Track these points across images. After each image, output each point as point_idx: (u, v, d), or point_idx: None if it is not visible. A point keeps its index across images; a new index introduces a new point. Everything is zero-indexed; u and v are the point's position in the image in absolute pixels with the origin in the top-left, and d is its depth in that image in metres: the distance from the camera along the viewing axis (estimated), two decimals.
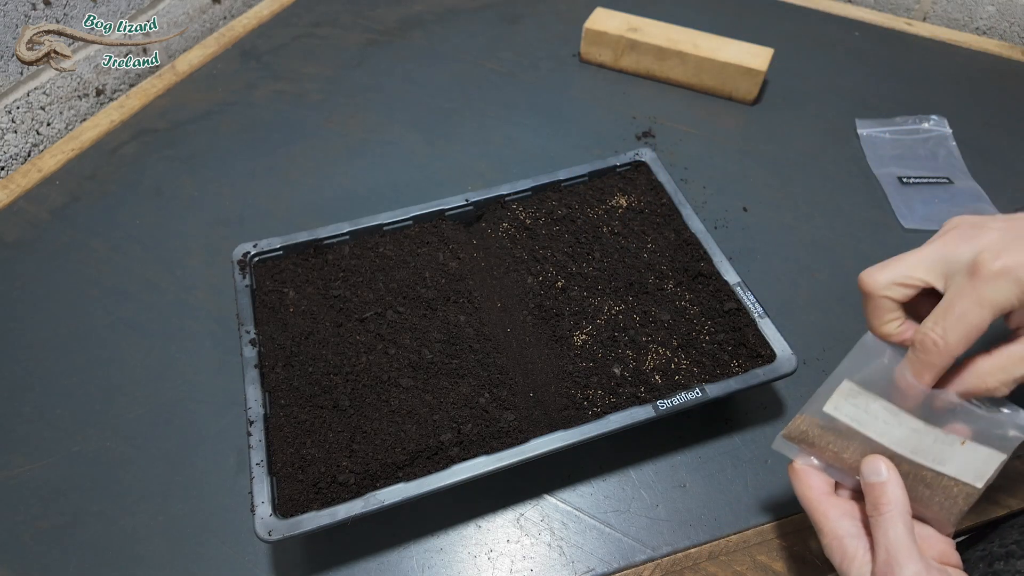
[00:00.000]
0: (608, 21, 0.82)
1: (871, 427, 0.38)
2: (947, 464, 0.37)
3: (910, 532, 0.36)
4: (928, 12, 0.96)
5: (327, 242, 0.56)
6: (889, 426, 0.38)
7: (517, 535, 0.48)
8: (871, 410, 0.38)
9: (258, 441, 0.45)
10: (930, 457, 0.37)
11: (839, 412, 0.39)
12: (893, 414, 0.38)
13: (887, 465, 0.37)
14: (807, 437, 0.40)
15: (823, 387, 0.39)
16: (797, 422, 0.40)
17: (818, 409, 0.39)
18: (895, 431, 0.38)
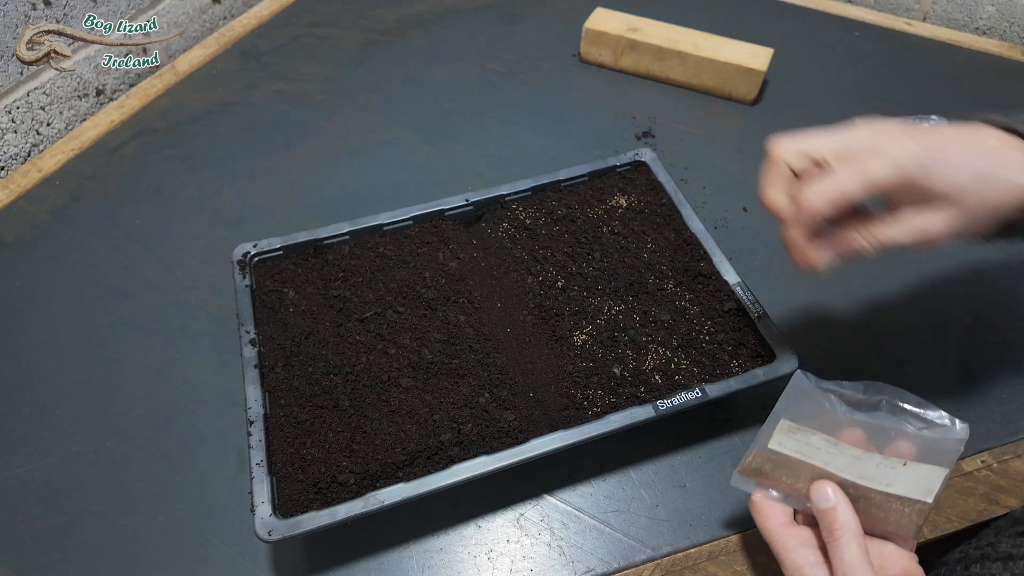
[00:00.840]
0: (608, 21, 0.82)
1: (816, 458, 0.39)
2: (894, 485, 0.38)
3: (864, 553, 0.37)
4: (928, 12, 0.96)
5: (327, 242, 0.56)
6: (832, 455, 0.39)
7: (517, 535, 0.48)
8: (812, 443, 0.40)
9: (258, 441, 0.45)
10: (876, 481, 0.39)
11: (783, 448, 0.40)
12: (833, 444, 0.39)
13: (834, 489, 0.39)
14: (761, 471, 0.41)
15: (766, 425, 0.41)
16: (748, 459, 0.41)
17: (764, 445, 0.40)
18: (838, 460, 0.39)
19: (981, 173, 0.37)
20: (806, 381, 0.40)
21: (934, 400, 0.54)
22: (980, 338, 0.58)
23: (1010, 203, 0.38)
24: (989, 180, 0.37)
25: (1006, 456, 0.52)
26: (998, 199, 0.38)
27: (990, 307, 0.60)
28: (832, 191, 0.38)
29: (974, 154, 0.38)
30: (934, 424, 0.39)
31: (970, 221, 0.38)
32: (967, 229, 0.39)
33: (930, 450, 0.38)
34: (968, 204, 0.38)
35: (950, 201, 0.37)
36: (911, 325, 0.59)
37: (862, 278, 0.62)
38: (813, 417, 0.40)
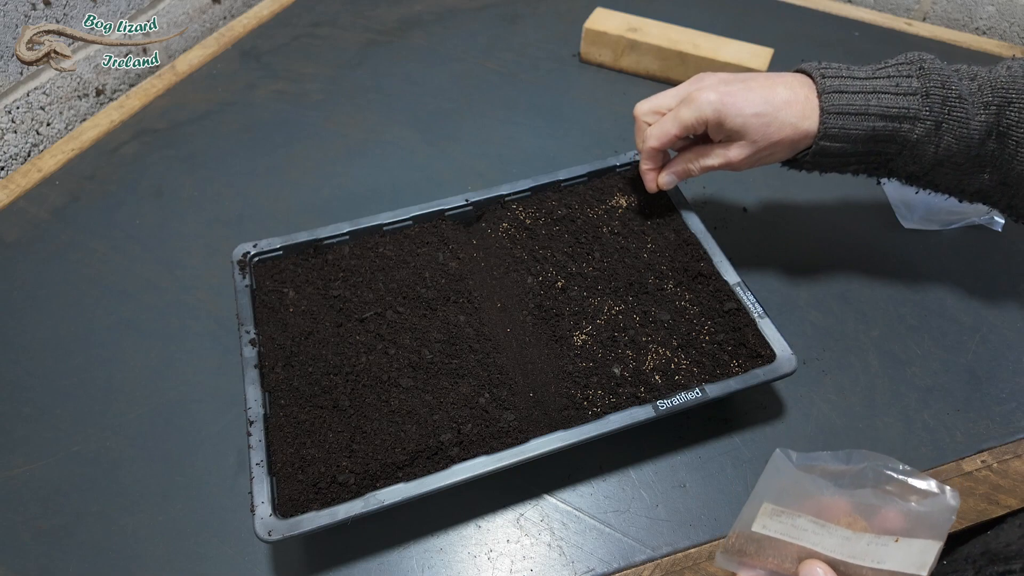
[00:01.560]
0: (608, 21, 0.82)
1: (803, 539, 0.39)
2: (886, 562, 0.37)
3: None
4: (928, 12, 0.96)
5: (327, 242, 0.56)
6: (820, 536, 0.38)
7: (517, 535, 0.48)
8: (798, 525, 0.39)
9: (258, 441, 0.45)
10: (868, 558, 0.38)
11: (768, 530, 0.39)
12: (821, 526, 0.38)
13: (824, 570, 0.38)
14: (746, 551, 0.40)
15: (747, 505, 0.40)
16: (732, 539, 0.40)
17: (748, 526, 0.40)
18: (827, 541, 0.38)
19: (760, 115, 0.48)
20: (785, 461, 0.39)
21: (934, 399, 0.54)
22: (980, 338, 0.58)
23: (787, 137, 0.49)
24: (768, 120, 0.48)
25: (1006, 456, 0.52)
26: (776, 135, 0.49)
27: (990, 307, 0.60)
28: (659, 132, 0.52)
29: (760, 99, 0.49)
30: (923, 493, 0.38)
31: (758, 151, 0.50)
32: (757, 156, 0.50)
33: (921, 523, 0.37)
34: (752, 138, 0.49)
35: (741, 136, 0.50)
36: (911, 325, 0.59)
37: (863, 279, 0.62)
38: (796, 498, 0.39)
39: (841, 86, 0.48)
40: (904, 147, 0.49)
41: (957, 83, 0.47)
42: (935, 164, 0.49)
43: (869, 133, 0.48)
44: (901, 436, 0.52)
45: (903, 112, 0.47)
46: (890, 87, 0.48)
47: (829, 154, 0.50)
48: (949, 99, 0.47)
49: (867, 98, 0.48)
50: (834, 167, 0.52)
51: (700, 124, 0.50)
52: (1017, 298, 0.61)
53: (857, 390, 0.55)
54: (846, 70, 0.49)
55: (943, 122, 0.47)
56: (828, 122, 0.48)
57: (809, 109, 0.49)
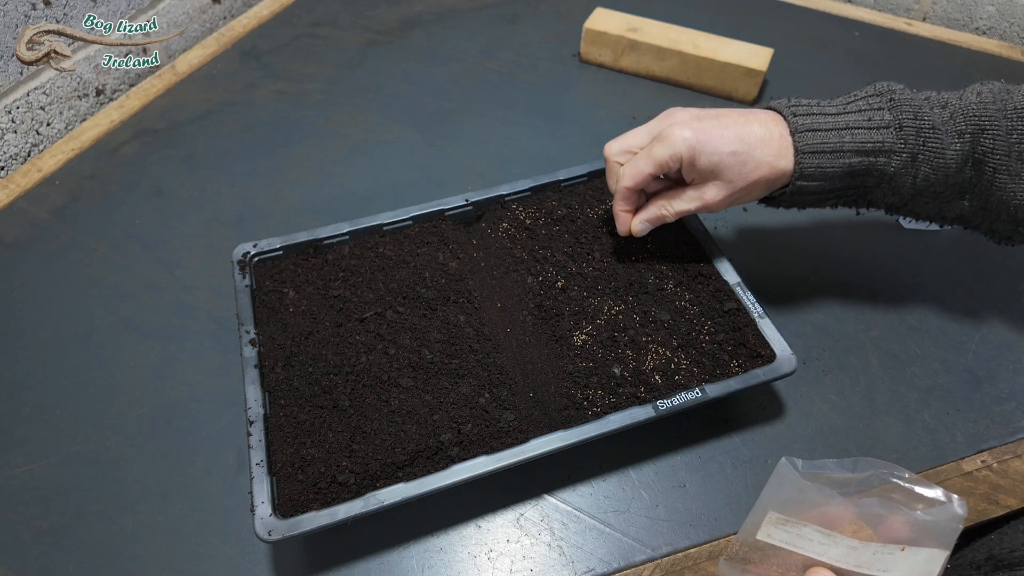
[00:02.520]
0: (608, 21, 0.82)
1: (808, 549, 0.38)
2: (893, 571, 0.37)
3: None
4: (928, 12, 0.96)
5: (327, 242, 0.56)
6: (826, 546, 0.38)
7: (517, 535, 0.48)
8: (803, 534, 0.39)
9: (258, 441, 0.45)
10: (874, 567, 0.37)
11: (772, 539, 0.39)
12: (827, 535, 0.38)
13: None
14: (750, 559, 0.40)
15: (752, 513, 0.40)
16: (736, 547, 0.40)
17: (752, 535, 0.39)
18: (832, 551, 0.38)
19: (736, 153, 0.47)
20: (791, 470, 0.39)
21: (934, 399, 0.54)
22: (980, 338, 0.58)
23: (764, 177, 0.48)
24: (744, 159, 0.47)
25: (1006, 456, 0.52)
26: (752, 174, 0.47)
27: (990, 307, 0.60)
28: (633, 171, 0.50)
29: (735, 137, 0.47)
30: (929, 501, 0.37)
31: (734, 190, 0.48)
32: (734, 197, 0.49)
33: (927, 532, 0.37)
34: (728, 177, 0.48)
35: (715, 175, 0.48)
36: (912, 325, 0.59)
37: (863, 279, 0.62)
38: (801, 507, 0.38)
39: (813, 124, 0.47)
40: (881, 180, 0.48)
41: (929, 113, 0.47)
42: (914, 194, 0.49)
43: (845, 170, 0.47)
44: (901, 436, 0.52)
45: (878, 146, 0.47)
46: (863, 121, 0.47)
47: (806, 192, 0.49)
48: (923, 130, 0.46)
49: (841, 135, 0.47)
50: (811, 203, 0.51)
51: (675, 161, 0.48)
52: (1017, 298, 0.61)
53: (857, 390, 0.55)
54: (816, 107, 0.49)
55: (919, 153, 0.47)
56: (804, 161, 0.47)
57: (784, 147, 0.47)
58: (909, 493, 0.38)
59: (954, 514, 0.36)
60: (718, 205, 0.49)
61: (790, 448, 0.52)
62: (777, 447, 0.52)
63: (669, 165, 0.48)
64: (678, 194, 0.51)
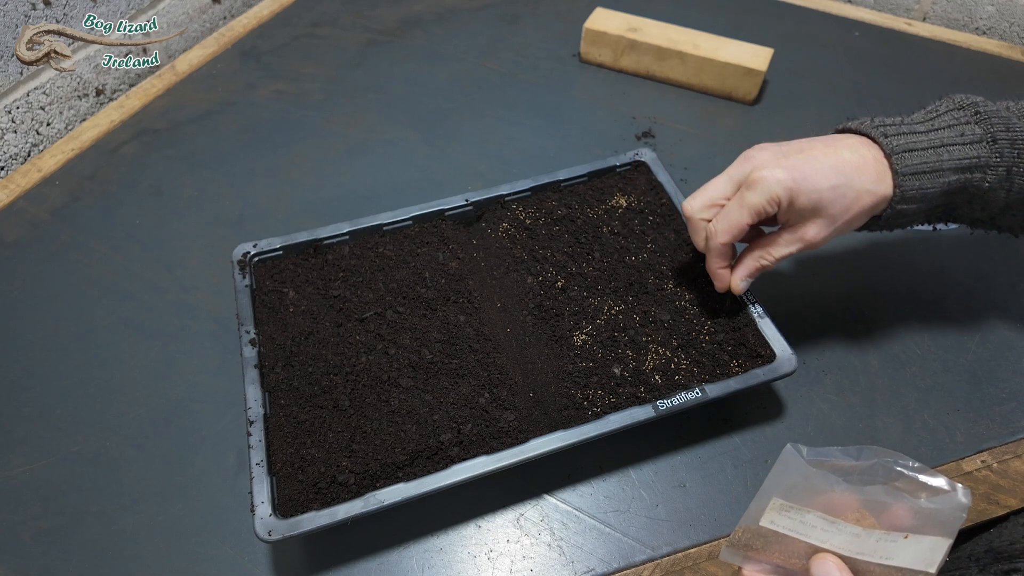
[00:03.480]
0: (608, 21, 0.82)
1: (812, 536, 0.38)
2: (895, 558, 0.37)
3: None
4: (928, 12, 0.96)
5: (327, 242, 0.56)
6: (829, 533, 0.38)
7: (517, 535, 0.48)
8: (807, 521, 0.38)
9: (258, 441, 0.45)
10: (877, 555, 0.37)
11: (776, 525, 0.39)
12: (830, 523, 0.38)
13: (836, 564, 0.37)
14: (752, 545, 0.40)
15: (756, 500, 0.39)
16: (738, 533, 0.40)
17: (755, 521, 0.39)
18: (836, 538, 0.38)
19: (836, 187, 0.44)
20: (796, 456, 0.39)
21: (934, 399, 0.54)
22: (980, 338, 0.58)
23: (866, 206, 0.45)
24: (844, 191, 0.44)
25: (1006, 456, 0.52)
26: (855, 205, 0.45)
27: (990, 307, 0.60)
28: (727, 225, 0.46)
29: (831, 170, 0.44)
30: (933, 490, 0.37)
31: (837, 225, 0.46)
32: (837, 231, 0.46)
33: (931, 521, 0.37)
34: (830, 213, 0.45)
35: (817, 213, 0.45)
36: (912, 325, 0.59)
37: (863, 279, 0.62)
38: (806, 493, 0.38)
39: (908, 144, 0.45)
40: (975, 196, 0.46)
41: (1018, 123, 0.45)
42: (1004, 208, 0.47)
43: (944, 188, 0.45)
44: (901, 436, 0.52)
45: (974, 162, 0.45)
46: (955, 137, 0.45)
47: (904, 216, 0.47)
48: (1017, 142, 0.45)
49: (938, 153, 0.45)
50: (906, 224, 0.49)
51: (772, 206, 0.45)
52: (1017, 298, 0.61)
53: (857, 390, 0.55)
54: (905, 125, 0.46)
55: (1014, 166, 0.45)
56: (904, 184, 0.45)
57: (881, 171, 0.45)
58: (913, 482, 0.38)
59: (958, 503, 0.36)
60: (821, 243, 0.47)
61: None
62: (777, 447, 0.52)
63: (767, 211, 0.45)
64: (774, 240, 0.48)
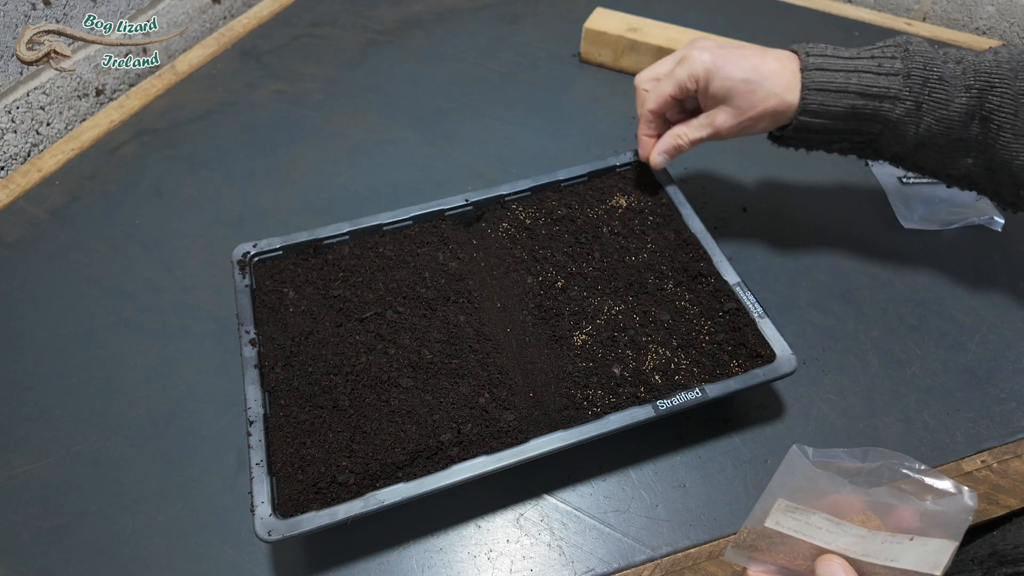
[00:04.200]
0: (608, 21, 0.82)
1: (817, 537, 0.38)
2: (900, 560, 0.37)
3: None
4: (928, 12, 0.96)
5: (327, 242, 0.56)
6: (834, 535, 0.38)
7: (517, 535, 0.48)
8: (812, 522, 0.38)
9: (258, 441, 0.45)
10: (882, 557, 0.37)
11: (781, 527, 0.39)
12: (835, 524, 0.38)
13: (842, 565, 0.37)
14: (757, 546, 0.40)
15: (761, 500, 0.39)
16: (743, 534, 0.40)
17: (760, 522, 0.39)
18: (841, 539, 0.38)
19: (748, 81, 0.49)
20: (802, 458, 0.39)
21: (934, 399, 0.54)
22: (980, 338, 0.58)
23: (770, 107, 0.50)
24: (754, 87, 0.50)
25: (1006, 456, 0.52)
26: (760, 104, 0.50)
27: (990, 307, 0.60)
28: (656, 94, 0.53)
29: (749, 66, 0.50)
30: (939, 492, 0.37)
31: (742, 119, 0.51)
32: (743, 125, 0.51)
33: (937, 523, 0.37)
34: (738, 104, 0.50)
35: (726, 100, 0.51)
36: (911, 325, 0.59)
37: (863, 279, 0.62)
38: (811, 495, 0.38)
39: (823, 63, 0.49)
40: (886, 126, 0.50)
41: (940, 65, 0.48)
42: (917, 145, 0.50)
43: (849, 111, 0.49)
44: (901, 436, 0.52)
45: (883, 91, 0.48)
46: (872, 67, 0.49)
47: (810, 129, 0.51)
48: (930, 80, 0.48)
49: (848, 76, 0.49)
50: (818, 144, 0.53)
51: (692, 82, 0.51)
52: (1017, 298, 0.61)
53: (857, 390, 0.55)
54: (832, 50, 0.51)
55: (923, 103, 0.48)
56: (808, 97, 0.49)
57: (793, 82, 0.50)
58: (919, 484, 0.37)
59: (964, 505, 0.36)
60: (727, 132, 0.52)
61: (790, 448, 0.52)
62: (777, 447, 0.52)
63: (687, 86, 0.51)
64: (690, 123, 0.53)
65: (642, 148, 0.57)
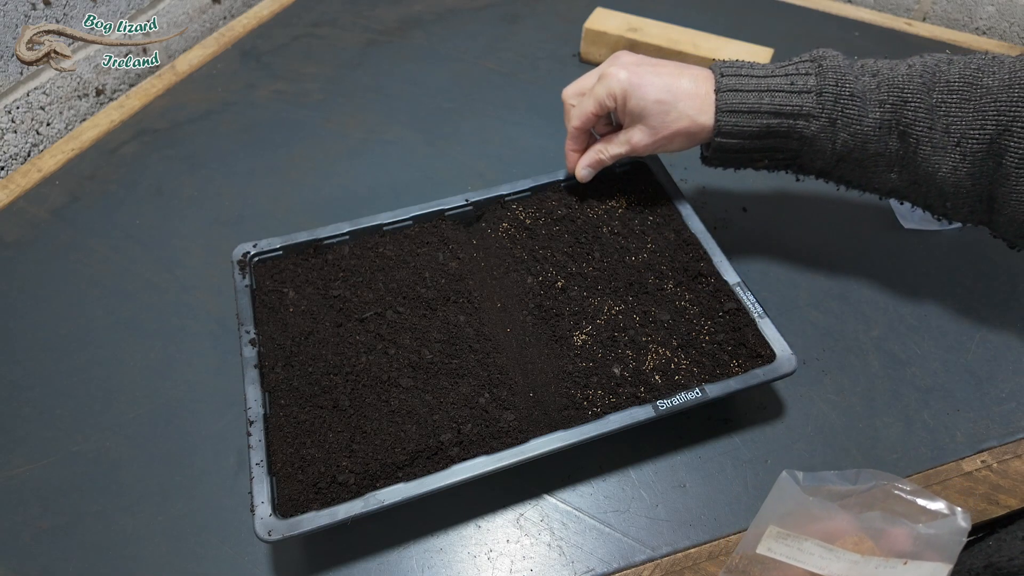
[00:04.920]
0: (608, 21, 0.82)
1: (810, 563, 0.38)
2: None
3: None
4: (928, 12, 0.96)
5: (327, 242, 0.56)
6: (827, 560, 0.38)
7: (517, 535, 0.48)
8: (805, 548, 0.38)
9: (258, 441, 0.45)
10: None
11: (773, 552, 0.39)
12: (828, 550, 0.38)
13: None
14: (750, 572, 0.40)
15: (751, 528, 0.39)
16: (736, 559, 0.40)
17: (752, 547, 0.39)
18: (834, 565, 0.38)
19: (661, 101, 0.50)
20: (792, 484, 0.38)
21: (934, 399, 0.54)
22: (980, 338, 0.58)
23: (685, 129, 0.50)
24: (667, 108, 0.50)
25: (1006, 456, 0.52)
26: (673, 125, 0.50)
27: (990, 307, 0.60)
28: (580, 111, 0.54)
29: (663, 87, 0.50)
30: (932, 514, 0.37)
31: (657, 138, 0.52)
32: (657, 143, 0.52)
33: (930, 546, 0.36)
34: (652, 124, 0.51)
35: (641, 119, 0.51)
36: (912, 325, 0.59)
37: (863, 279, 0.62)
38: (803, 520, 0.38)
39: (737, 84, 0.49)
40: (803, 143, 0.50)
41: (853, 81, 0.48)
42: (838, 160, 0.50)
43: (763, 130, 0.49)
44: (901, 436, 0.52)
45: (797, 110, 0.48)
46: (785, 85, 0.49)
47: (728, 150, 0.51)
48: (842, 97, 0.48)
49: (760, 96, 0.49)
50: (741, 162, 0.53)
51: (610, 100, 0.52)
52: (1017, 298, 0.61)
53: (857, 390, 0.55)
54: (746, 68, 0.51)
55: (837, 119, 0.48)
56: (722, 120, 0.49)
57: (707, 104, 0.50)
58: (912, 505, 0.37)
59: (957, 527, 0.36)
60: (644, 149, 0.53)
61: (790, 448, 0.52)
62: (777, 447, 0.52)
63: (606, 103, 0.52)
64: (611, 139, 0.55)
65: (568, 161, 0.58)
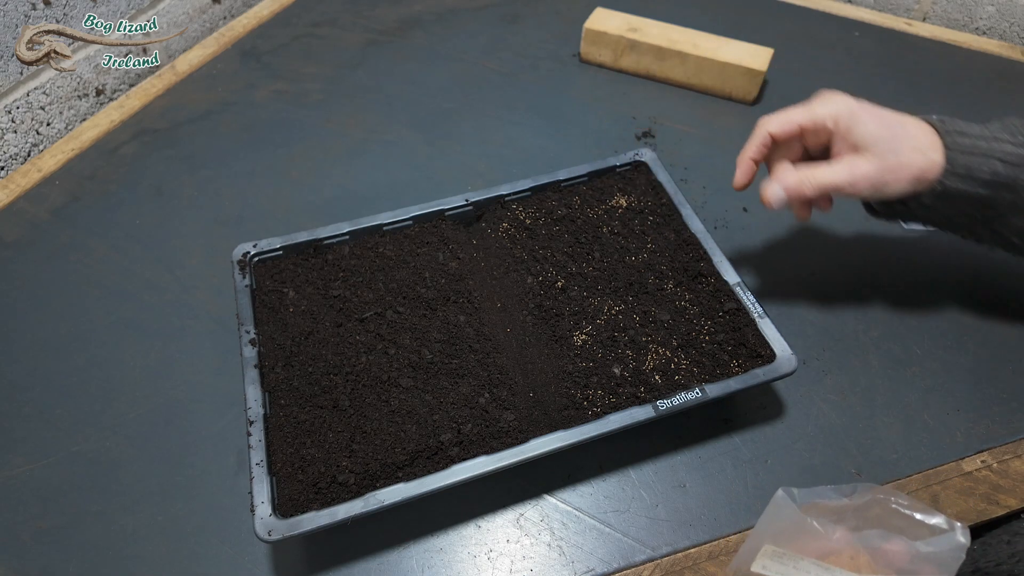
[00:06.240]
0: (608, 21, 0.82)
1: None
2: None
3: None
4: (928, 12, 0.96)
5: (327, 242, 0.56)
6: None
7: (517, 535, 0.48)
8: (801, 567, 0.37)
9: (258, 441, 0.45)
10: None
11: (768, 571, 0.38)
12: (825, 569, 0.37)
13: None
14: None
15: (746, 545, 0.38)
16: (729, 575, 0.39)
17: (747, 565, 0.38)
18: None
19: (894, 134, 0.47)
20: (788, 502, 0.38)
21: (934, 399, 0.54)
22: (980, 338, 0.58)
23: (915, 164, 0.47)
24: (900, 139, 0.47)
25: (1006, 456, 0.52)
26: (903, 157, 0.46)
27: (990, 307, 0.60)
28: (783, 118, 0.49)
29: (893, 121, 0.47)
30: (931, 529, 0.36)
31: (884, 168, 0.47)
32: (882, 178, 0.47)
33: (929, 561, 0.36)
34: (880, 152, 0.46)
35: (868, 148, 0.47)
36: (911, 325, 0.59)
37: (863, 278, 0.62)
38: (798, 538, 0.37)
39: (963, 129, 0.48)
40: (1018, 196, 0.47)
41: None
42: None
43: (992, 177, 0.47)
44: (901, 436, 0.52)
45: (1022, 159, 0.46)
46: (1007, 137, 0.47)
47: (950, 195, 0.48)
48: None
49: (989, 142, 0.47)
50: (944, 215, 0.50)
51: (831, 121, 0.48)
52: (1017, 298, 0.61)
53: (857, 390, 0.55)
54: (963, 123, 0.49)
55: None
56: (954, 159, 0.46)
57: (936, 144, 0.47)
58: (910, 520, 0.36)
59: (957, 543, 0.35)
60: (864, 182, 0.47)
61: (790, 448, 0.52)
62: (777, 447, 0.52)
63: (824, 123, 0.48)
64: (821, 165, 0.48)
65: (740, 173, 0.51)
